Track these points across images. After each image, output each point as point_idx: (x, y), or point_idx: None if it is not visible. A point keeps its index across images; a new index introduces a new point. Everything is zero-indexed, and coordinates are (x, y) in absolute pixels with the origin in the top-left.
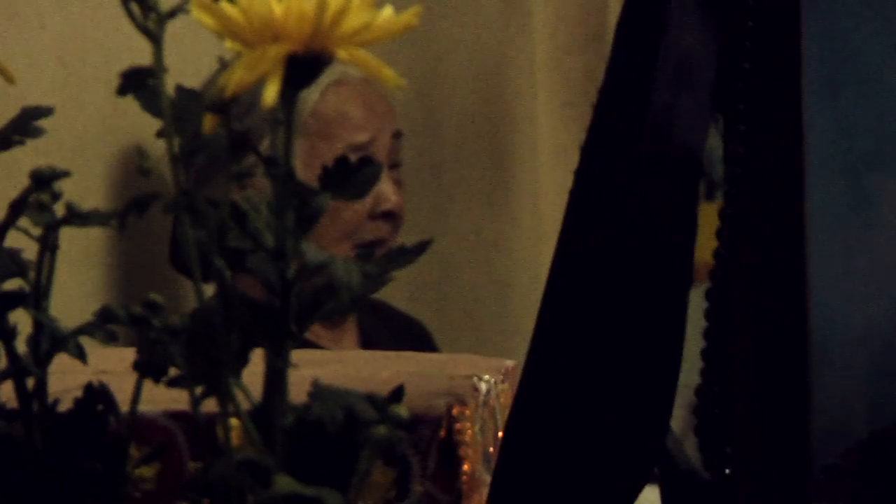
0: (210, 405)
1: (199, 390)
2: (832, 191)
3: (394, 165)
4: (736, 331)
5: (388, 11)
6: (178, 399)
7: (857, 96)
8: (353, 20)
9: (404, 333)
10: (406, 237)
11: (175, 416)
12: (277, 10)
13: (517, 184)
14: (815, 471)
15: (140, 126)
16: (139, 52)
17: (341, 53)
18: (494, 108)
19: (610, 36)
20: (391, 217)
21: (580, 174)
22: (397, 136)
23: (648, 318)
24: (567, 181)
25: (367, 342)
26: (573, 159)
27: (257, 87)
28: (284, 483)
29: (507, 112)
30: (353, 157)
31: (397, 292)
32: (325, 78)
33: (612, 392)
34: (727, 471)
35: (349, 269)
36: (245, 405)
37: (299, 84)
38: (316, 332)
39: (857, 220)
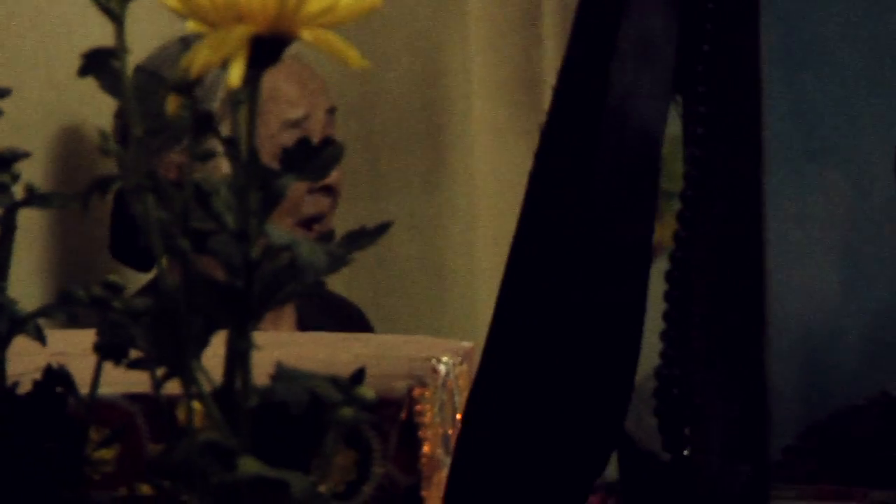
0: (170, 387)
1: (160, 372)
2: (791, 176)
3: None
4: (696, 313)
5: None
6: (137, 381)
7: (815, 78)
8: (318, 1)
9: (341, 316)
10: (341, 219)
11: (135, 398)
12: None
13: (452, 165)
14: (775, 451)
15: (78, 108)
16: (77, 34)
17: (305, 35)
18: (430, 89)
19: (545, 17)
20: (330, 191)
21: (540, 154)
22: (331, 111)
23: (608, 298)
24: (501, 162)
25: (305, 324)
26: (508, 141)
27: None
28: (249, 465)
29: (443, 93)
30: (288, 133)
31: (333, 275)
32: None
33: (572, 374)
34: (686, 452)
35: (314, 250)
36: (205, 387)
37: (263, 65)
38: None
39: (812, 205)
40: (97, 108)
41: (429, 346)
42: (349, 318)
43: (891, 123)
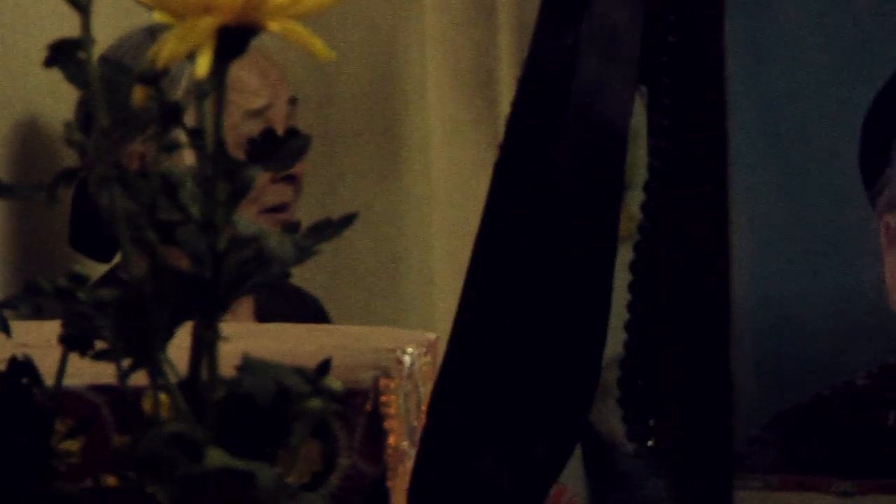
0: (136, 379)
1: (126, 363)
2: (755, 167)
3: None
4: (660, 303)
5: None
6: (102, 372)
7: (780, 70)
8: None
9: (298, 306)
10: (298, 210)
11: (100, 389)
12: None
13: (408, 157)
14: (739, 443)
15: (35, 100)
16: (35, 26)
17: (273, 25)
18: (386, 81)
19: (500, 11)
20: (293, 180)
21: (506, 146)
22: (292, 101)
23: (574, 289)
24: (456, 154)
25: (262, 314)
26: (463, 133)
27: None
28: (216, 457)
29: (399, 86)
30: (250, 123)
31: None
32: None
33: (536, 365)
34: (650, 443)
35: (282, 241)
36: (172, 379)
37: (230, 56)
38: None
39: (776, 196)
40: (54, 100)
41: (393, 337)
42: (306, 308)
43: (854, 114)
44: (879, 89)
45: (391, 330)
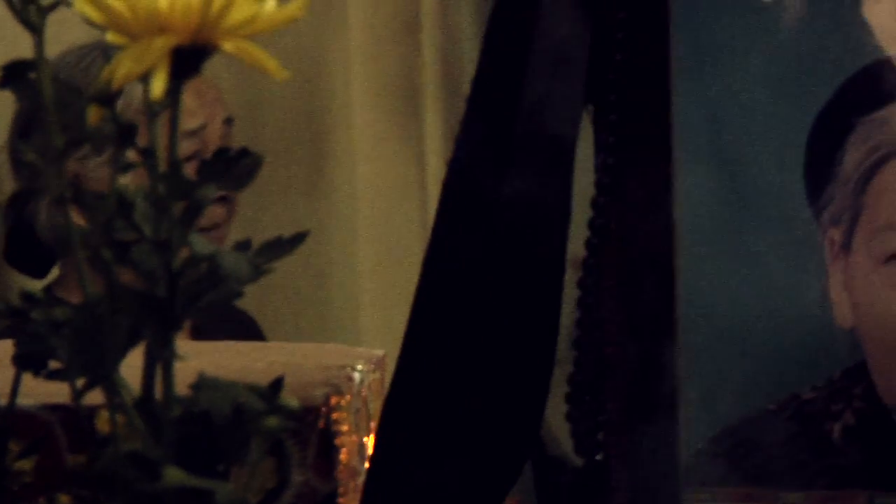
0: (88, 398)
1: (80, 382)
2: (700, 183)
3: None
4: (607, 319)
5: (271, 3)
6: (54, 392)
7: (723, 87)
8: (239, 13)
9: (234, 322)
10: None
11: (53, 408)
12: (163, 2)
13: (333, 172)
14: (686, 456)
15: None
16: None
17: (227, 45)
18: (311, 99)
19: (424, 27)
20: (226, 201)
21: (454, 163)
22: (228, 122)
23: (524, 307)
24: (382, 169)
25: (199, 332)
26: (389, 148)
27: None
28: (174, 475)
29: (324, 102)
30: (186, 143)
31: None
32: None
33: (487, 383)
34: (598, 457)
35: (237, 260)
36: (126, 398)
37: (184, 76)
38: None
39: (721, 212)
40: None
41: (343, 354)
42: (241, 325)
43: (798, 130)
44: (823, 106)
45: (338, 346)
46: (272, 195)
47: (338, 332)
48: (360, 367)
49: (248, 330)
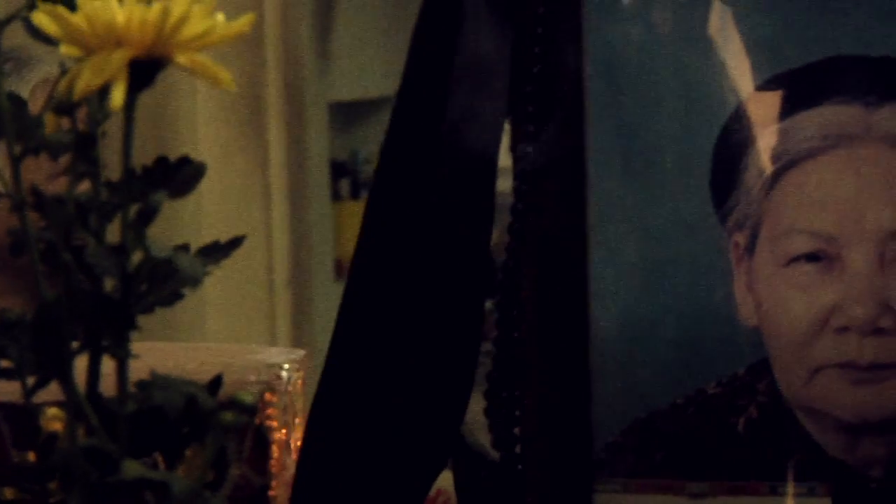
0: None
1: (31, 381)
2: (613, 189)
3: None
4: (524, 318)
5: (221, 18)
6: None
7: (635, 101)
8: (193, 27)
9: None
10: None
11: None
12: (120, 17)
13: None
14: (598, 448)
15: None
16: None
17: (181, 58)
18: (157, 112)
19: (268, 42)
20: None
21: (379, 174)
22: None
23: (446, 313)
24: (227, 180)
25: None
26: (234, 159)
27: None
28: (132, 468)
29: (170, 116)
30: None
31: None
32: (33, 77)
33: (411, 381)
34: (517, 450)
35: (193, 262)
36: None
37: (139, 88)
38: None
39: (632, 217)
40: None
41: (270, 354)
42: None
43: (705, 138)
44: (728, 115)
45: (260, 347)
46: None
47: (183, 335)
48: (287, 365)
49: None
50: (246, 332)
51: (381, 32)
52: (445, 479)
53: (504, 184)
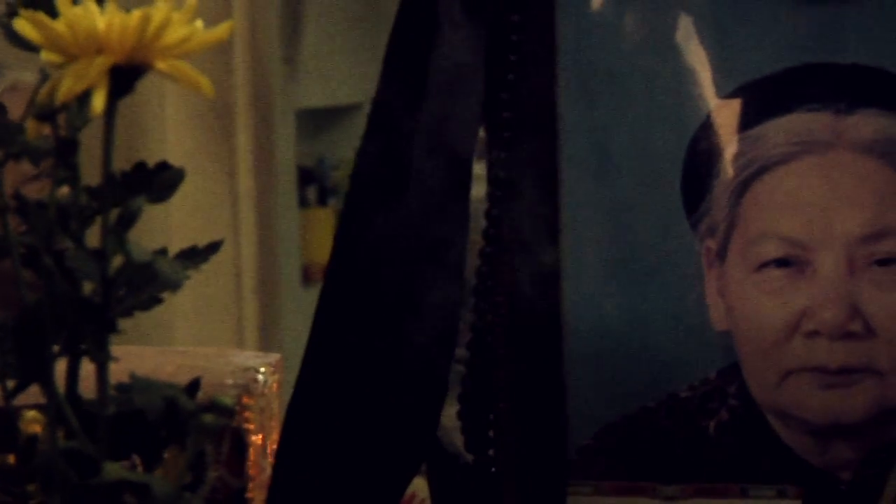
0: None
1: (11, 384)
2: (586, 195)
3: None
4: (498, 322)
5: (200, 25)
6: None
7: (607, 109)
8: (173, 34)
9: None
10: None
11: None
12: (101, 23)
13: None
14: (571, 451)
15: None
16: None
17: (160, 65)
18: (125, 116)
19: (236, 49)
20: None
21: (355, 178)
22: None
23: (421, 315)
24: (194, 186)
25: None
26: (202, 165)
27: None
28: (113, 470)
29: (138, 119)
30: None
31: None
32: (1, 83)
33: (386, 385)
34: (490, 452)
35: (173, 266)
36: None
37: (120, 93)
38: None
39: (605, 223)
40: None
41: (246, 358)
42: None
43: (676, 147)
44: (699, 123)
45: (235, 351)
46: None
47: (151, 338)
48: (263, 369)
49: None
50: (214, 336)
51: (349, 40)
52: (419, 483)
53: (478, 190)
